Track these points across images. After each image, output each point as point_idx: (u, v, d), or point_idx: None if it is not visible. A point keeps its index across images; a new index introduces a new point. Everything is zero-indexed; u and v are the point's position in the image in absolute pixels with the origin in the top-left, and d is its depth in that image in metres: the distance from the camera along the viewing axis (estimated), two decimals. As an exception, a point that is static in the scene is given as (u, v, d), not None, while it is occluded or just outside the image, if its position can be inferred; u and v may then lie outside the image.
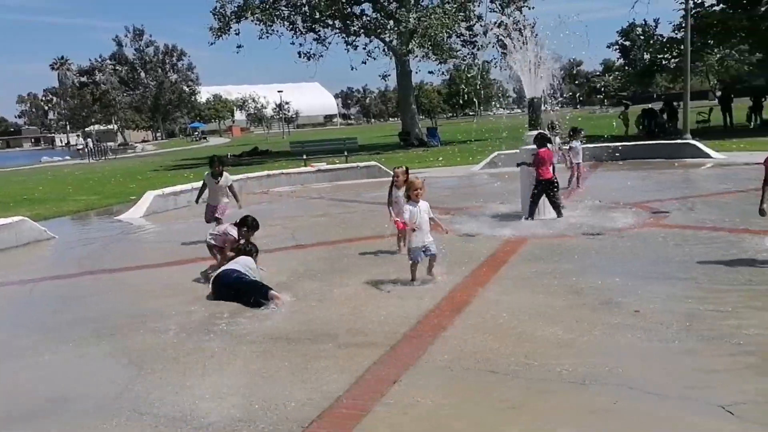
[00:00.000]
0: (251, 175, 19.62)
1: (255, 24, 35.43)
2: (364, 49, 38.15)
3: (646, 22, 59.01)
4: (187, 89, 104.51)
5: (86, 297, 7.91)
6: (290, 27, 36.93)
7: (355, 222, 12.11)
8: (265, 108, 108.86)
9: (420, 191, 7.04)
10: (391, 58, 37.72)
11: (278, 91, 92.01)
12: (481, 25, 36.69)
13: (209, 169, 10.70)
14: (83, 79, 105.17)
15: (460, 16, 35.16)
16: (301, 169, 21.08)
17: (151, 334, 6.06)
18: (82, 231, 14.23)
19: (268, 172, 20.50)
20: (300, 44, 37.78)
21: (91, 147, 54.52)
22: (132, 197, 17.33)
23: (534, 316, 5.74)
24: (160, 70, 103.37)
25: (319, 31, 37.73)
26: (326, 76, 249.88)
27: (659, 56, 38.91)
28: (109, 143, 68.48)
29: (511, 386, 4.37)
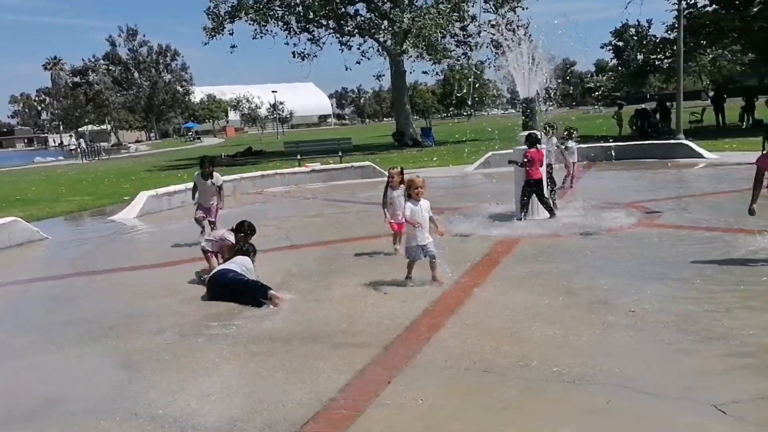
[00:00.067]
0: (245, 175, 19.57)
1: (249, 24, 35.41)
2: (358, 49, 38.21)
3: (639, 23, 59.40)
4: (180, 89, 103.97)
5: (80, 298, 7.88)
6: (284, 27, 36.90)
7: (350, 222, 12.10)
8: (260, 108, 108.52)
9: (421, 190, 7.02)
10: (386, 59, 37.73)
11: (272, 91, 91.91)
12: (476, 25, 36.75)
13: (199, 169, 10.66)
14: (76, 80, 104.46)
15: (455, 17, 35.19)
16: (296, 170, 21.04)
17: (147, 334, 6.04)
18: (76, 232, 14.17)
19: (262, 173, 20.45)
20: (294, 44, 37.79)
21: (84, 147, 54.25)
22: (125, 198, 17.25)
23: (529, 317, 5.74)
24: (153, 70, 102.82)
25: (313, 31, 37.69)
26: (320, 76, 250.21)
27: (652, 57, 39.10)
28: (102, 143, 68.17)
29: (508, 386, 4.37)
